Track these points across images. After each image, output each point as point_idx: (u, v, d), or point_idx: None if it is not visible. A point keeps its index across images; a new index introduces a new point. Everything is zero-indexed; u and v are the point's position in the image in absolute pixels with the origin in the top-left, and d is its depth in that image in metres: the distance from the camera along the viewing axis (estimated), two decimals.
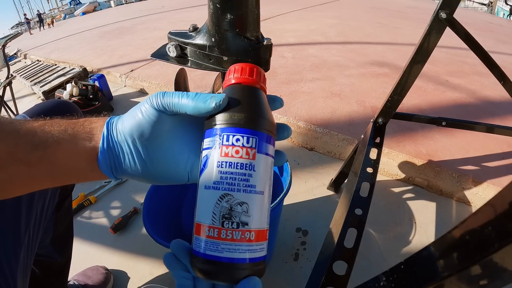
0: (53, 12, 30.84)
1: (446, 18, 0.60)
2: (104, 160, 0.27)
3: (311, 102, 1.47)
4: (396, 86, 0.73)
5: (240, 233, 0.24)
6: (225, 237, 0.23)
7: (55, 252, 0.64)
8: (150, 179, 0.29)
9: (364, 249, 0.86)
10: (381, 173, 1.14)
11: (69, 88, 1.73)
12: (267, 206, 0.25)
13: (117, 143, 0.27)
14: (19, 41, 5.50)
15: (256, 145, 0.24)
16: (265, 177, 0.25)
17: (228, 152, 0.24)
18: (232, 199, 0.24)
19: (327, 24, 3.14)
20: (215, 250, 0.24)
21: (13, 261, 0.43)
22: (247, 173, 0.24)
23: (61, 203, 0.60)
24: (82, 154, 0.27)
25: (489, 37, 2.91)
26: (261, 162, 0.25)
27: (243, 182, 0.24)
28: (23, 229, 0.45)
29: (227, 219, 0.24)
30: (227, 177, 0.24)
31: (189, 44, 0.38)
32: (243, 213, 0.24)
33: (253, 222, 0.24)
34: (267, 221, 0.26)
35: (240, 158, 0.24)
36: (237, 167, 0.24)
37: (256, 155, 0.24)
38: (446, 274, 0.25)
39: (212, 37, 0.36)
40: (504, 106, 1.43)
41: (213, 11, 0.34)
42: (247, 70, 0.27)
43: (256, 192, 0.24)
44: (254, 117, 0.25)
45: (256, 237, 0.24)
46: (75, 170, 0.27)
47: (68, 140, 0.26)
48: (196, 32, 0.38)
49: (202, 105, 0.25)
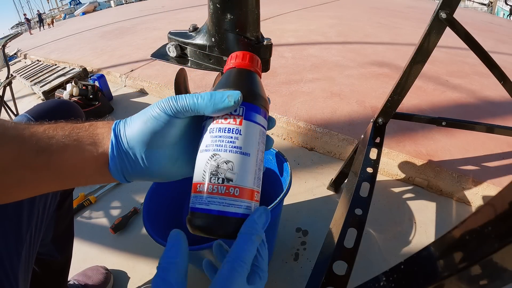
0: (53, 12, 30.84)
1: (446, 18, 0.60)
2: (115, 167, 0.27)
3: (311, 102, 1.47)
4: (396, 86, 0.73)
5: (224, 188, 0.26)
6: (211, 191, 0.26)
7: (56, 251, 0.64)
8: (162, 179, 0.30)
9: (364, 249, 0.86)
10: (381, 173, 1.14)
11: (69, 88, 1.73)
12: (254, 168, 0.27)
13: (127, 150, 0.27)
14: (19, 41, 5.50)
15: (243, 113, 0.27)
16: (252, 141, 0.27)
17: (219, 120, 0.27)
18: (219, 158, 0.26)
19: (327, 24, 3.14)
20: (201, 203, 0.26)
21: (15, 259, 0.43)
22: (233, 136, 0.27)
23: (62, 202, 0.60)
24: (90, 160, 0.27)
25: (489, 37, 2.91)
26: (247, 128, 0.27)
27: (230, 143, 0.27)
28: (25, 227, 0.45)
29: (214, 175, 0.26)
30: (216, 140, 0.27)
31: (189, 44, 0.39)
32: (228, 170, 0.26)
33: (237, 179, 0.26)
34: (255, 183, 0.28)
35: (228, 124, 0.27)
36: (225, 131, 0.27)
37: (243, 121, 0.27)
38: (446, 274, 0.25)
39: (212, 37, 0.36)
40: (504, 106, 1.43)
41: (213, 11, 0.34)
42: (241, 56, 0.30)
43: (242, 153, 0.26)
44: (242, 91, 0.27)
45: (241, 194, 0.26)
46: (83, 175, 0.28)
47: (73, 145, 0.26)
48: (196, 32, 0.38)
49: (221, 105, 0.26)
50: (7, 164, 0.25)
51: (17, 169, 0.25)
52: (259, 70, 0.32)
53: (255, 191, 0.28)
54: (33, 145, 0.26)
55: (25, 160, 0.25)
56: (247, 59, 0.30)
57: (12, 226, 0.44)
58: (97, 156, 0.27)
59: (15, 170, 0.25)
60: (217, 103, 0.26)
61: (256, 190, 0.28)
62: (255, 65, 0.31)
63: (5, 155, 0.25)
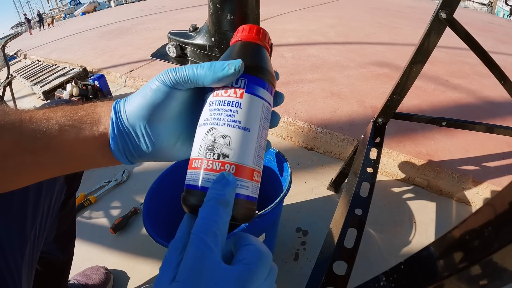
0: (53, 12, 30.85)
1: (446, 18, 0.60)
2: (117, 146, 0.26)
3: (311, 102, 1.47)
4: (396, 86, 0.73)
5: (220, 164, 0.24)
6: (206, 167, 0.24)
7: (58, 250, 0.64)
8: (165, 158, 0.28)
9: (364, 249, 0.86)
10: (381, 173, 1.14)
11: (69, 88, 1.73)
12: (254, 145, 0.25)
13: (127, 128, 0.26)
14: (19, 41, 5.50)
15: (245, 86, 0.25)
16: (253, 116, 0.25)
17: (219, 93, 0.26)
18: (216, 132, 0.25)
19: (327, 24, 3.14)
20: (196, 180, 0.24)
21: (19, 257, 0.43)
22: (232, 110, 0.25)
23: (66, 201, 0.60)
24: (91, 141, 0.26)
25: (489, 37, 2.91)
26: (249, 101, 0.25)
27: (228, 117, 0.25)
28: (30, 225, 0.45)
29: (210, 150, 0.24)
30: (215, 113, 0.25)
31: (189, 44, 0.39)
32: (225, 145, 0.24)
33: (234, 155, 0.24)
34: (255, 161, 0.25)
35: (228, 96, 0.25)
36: (224, 104, 0.25)
37: (244, 94, 0.25)
38: (446, 274, 0.25)
39: (212, 37, 0.36)
40: (504, 106, 1.43)
41: (213, 11, 0.34)
42: (248, 29, 0.28)
43: (241, 127, 0.25)
44: (245, 61, 0.26)
45: (238, 172, 0.24)
46: (84, 157, 0.27)
47: (73, 126, 0.26)
48: (196, 32, 0.39)
49: (221, 73, 0.24)
50: (8, 149, 0.24)
51: (17, 154, 0.25)
52: (268, 45, 0.29)
53: (255, 170, 0.26)
54: (33, 128, 0.25)
55: (25, 144, 0.25)
56: (254, 31, 0.28)
57: (17, 224, 0.44)
58: (98, 136, 0.26)
59: (15, 154, 0.25)
60: (217, 72, 0.24)
61: (256, 169, 0.26)
62: (262, 39, 0.29)
63: (5, 139, 0.24)
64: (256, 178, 0.26)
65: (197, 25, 0.40)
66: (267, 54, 0.29)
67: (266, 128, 0.27)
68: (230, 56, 0.27)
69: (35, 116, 0.26)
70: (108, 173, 1.23)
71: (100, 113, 0.27)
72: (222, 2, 0.33)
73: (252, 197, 0.26)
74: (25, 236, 0.45)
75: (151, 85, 0.26)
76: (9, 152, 0.24)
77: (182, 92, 0.26)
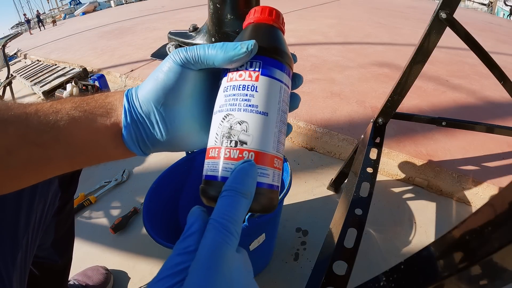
0: (53, 12, 30.84)
1: (446, 18, 0.60)
2: (130, 135, 0.25)
3: (311, 102, 1.47)
4: (396, 86, 0.73)
5: (238, 151, 0.23)
6: (223, 156, 0.23)
7: (56, 255, 0.63)
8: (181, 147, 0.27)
9: (364, 249, 0.86)
10: (381, 173, 1.14)
11: (69, 88, 1.73)
12: (273, 130, 0.24)
13: (141, 115, 0.25)
14: (19, 41, 5.50)
15: (260, 68, 0.24)
16: (270, 99, 0.24)
17: (233, 77, 0.25)
18: (232, 118, 0.24)
19: (327, 24, 3.14)
20: (214, 170, 0.23)
21: (10, 264, 0.42)
22: (248, 94, 0.24)
23: (62, 207, 0.60)
24: (102, 131, 0.25)
25: (489, 37, 2.91)
26: (265, 84, 0.24)
27: (244, 102, 0.24)
28: (22, 232, 0.45)
29: (227, 138, 0.23)
30: (230, 99, 0.24)
31: (189, 44, 0.39)
32: (242, 131, 0.23)
33: (253, 141, 0.23)
34: (275, 147, 0.24)
35: (243, 80, 0.24)
36: (239, 88, 0.24)
37: (260, 77, 0.24)
38: (446, 274, 0.25)
39: (212, 37, 0.36)
40: (504, 106, 1.43)
41: (213, 11, 0.34)
42: (260, 10, 0.27)
43: (258, 112, 0.23)
44: (259, 42, 0.24)
45: (257, 159, 0.23)
46: (95, 148, 0.25)
47: (84, 117, 0.24)
48: (196, 32, 0.38)
49: (232, 52, 0.23)
50: (13, 144, 0.23)
51: (23, 148, 0.23)
52: (282, 27, 0.28)
53: (275, 156, 0.24)
54: (40, 121, 0.24)
55: (31, 138, 0.23)
56: (266, 12, 0.27)
57: (9, 231, 0.43)
58: (110, 126, 0.25)
59: (21, 149, 0.23)
60: (228, 51, 0.23)
61: (277, 156, 0.24)
62: (276, 20, 0.27)
63: (10, 133, 0.23)
64: (277, 165, 0.25)
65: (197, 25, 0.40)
66: (282, 35, 0.27)
67: (286, 112, 0.26)
68: (242, 38, 0.26)
69: (42, 108, 0.24)
70: (108, 173, 1.23)
71: (112, 102, 0.26)
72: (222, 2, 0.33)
73: (273, 185, 0.24)
74: (16, 243, 0.44)
75: (163, 66, 0.25)
76: (14, 147, 0.23)
77: (195, 73, 0.25)
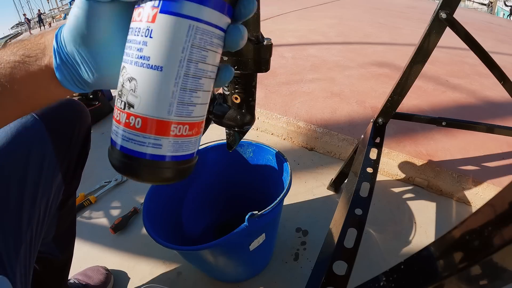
0: (53, 12, 30.87)
1: (446, 18, 0.60)
2: (63, 76, 0.24)
3: (311, 102, 1.47)
4: (396, 86, 0.73)
5: (125, 115, 0.19)
6: (116, 118, 0.20)
7: (57, 250, 0.64)
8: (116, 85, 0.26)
9: (364, 249, 0.86)
10: (381, 173, 1.14)
11: None
12: (170, 88, 0.19)
13: (68, 55, 0.24)
14: None
15: (159, 3, 0.18)
16: (168, 47, 0.19)
17: (134, 16, 0.20)
18: (125, 73, 0.20)
19: (327, 24, 3.14)
20: (112, 133, 0.21)
21: (13, 258, 0.43)
22: (141, 41, 0.19)
23: (65, 201, 0.60)
24: (39, 74, 0.25)
25: (489, 37, 2.91)
26: (163, 26, 0.18)
27: (137, 52, 0.19)
28: (25, 226, 0.45)
29: (119, 97, 0.20)
30: (127, 47, 0.20)
31: None
32: (131, 91, 0.19)
33: (140, 105, 0.19)
34: (172, 110, 0.20)
35: (139, 22, 0.19)
36: (133, 33, 0.20)
37: (158, 16, 0.18)
38: (446, 274, 0.25)
39: None
40: (504, 106, 1.43)
41: None
42: None
43: (149, 66, 0.19)
44: None
45: (144, 126, 0.19)
46: (40, 91, 0.25)
47: (21, 62, 0.24)
48: None
49: None
50: None
51: None
52: None
53: (173, 122, 0.20)
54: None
55: None
56: None
57: (12, 225, 0.44)
58: (45, 69, 0.24)
59: None
60: None
61: (176, 121, 0.20)
62: None
63: None
64: (178, 132, 0.20)
65: None
66: None
67: (205, 61, 0.20)
68: None
69: None
70: (108, 173, 1.23)
71: (44, 43, 0.25)
72: None
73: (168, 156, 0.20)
74: (20, 237, 0.44)
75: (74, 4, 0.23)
76: None
77: (108, 6, 0.22)
